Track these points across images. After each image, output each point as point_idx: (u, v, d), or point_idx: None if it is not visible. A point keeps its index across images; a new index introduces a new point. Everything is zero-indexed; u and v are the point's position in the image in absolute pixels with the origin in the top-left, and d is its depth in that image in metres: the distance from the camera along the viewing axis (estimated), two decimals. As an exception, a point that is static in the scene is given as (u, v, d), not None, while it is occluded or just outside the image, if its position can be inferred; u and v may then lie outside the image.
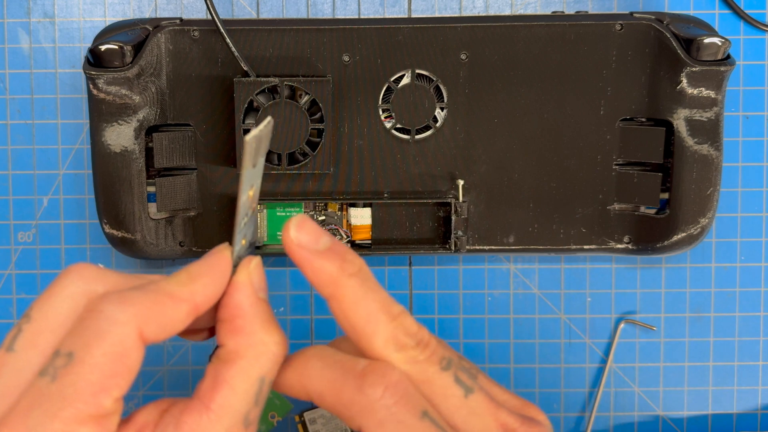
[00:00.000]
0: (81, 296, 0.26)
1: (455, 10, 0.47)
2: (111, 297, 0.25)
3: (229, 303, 0.27)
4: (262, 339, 0.27)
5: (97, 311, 0.25)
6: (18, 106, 0.47)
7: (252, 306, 0.27)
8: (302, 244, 0.27)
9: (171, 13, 0.47)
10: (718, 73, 0.42)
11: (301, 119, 0.43)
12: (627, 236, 0.45)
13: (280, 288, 0.48)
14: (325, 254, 0.27)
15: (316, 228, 0.28)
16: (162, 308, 0.25)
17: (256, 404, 0.26)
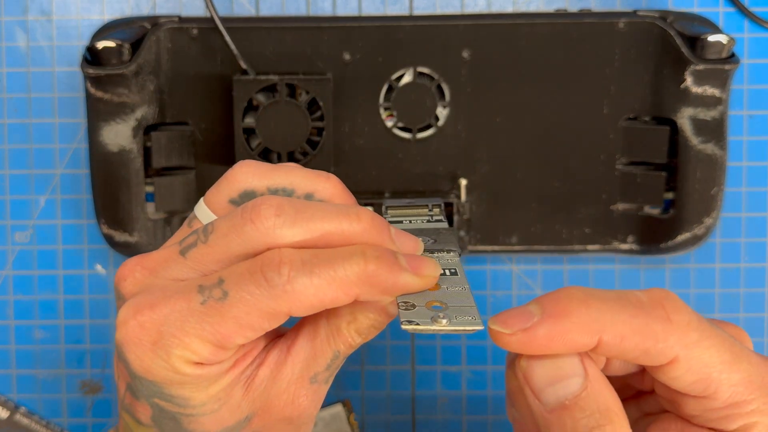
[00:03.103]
0: (259, 244, 0.28)
1: (457, 7, 0.47)
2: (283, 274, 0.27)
3: None
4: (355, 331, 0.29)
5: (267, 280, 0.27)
6: (15, 105, 0.46)
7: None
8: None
9: (169, 10, 0.46)
10: (723, 72, 0.42)
11: (301, 118, 0.42)
12: (631, 236, 0.45)
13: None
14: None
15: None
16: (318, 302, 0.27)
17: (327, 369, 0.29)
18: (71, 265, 0.47)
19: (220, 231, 0.28)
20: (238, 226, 0.28)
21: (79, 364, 0.48)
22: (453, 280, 0.28)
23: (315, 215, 0.28)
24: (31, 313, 0.47)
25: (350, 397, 0.48)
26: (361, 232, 0.28)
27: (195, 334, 0.27)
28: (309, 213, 0.28)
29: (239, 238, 0.28)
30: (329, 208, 0.28)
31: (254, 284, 0.27)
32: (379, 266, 0.27)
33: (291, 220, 0.28)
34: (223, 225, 0.28)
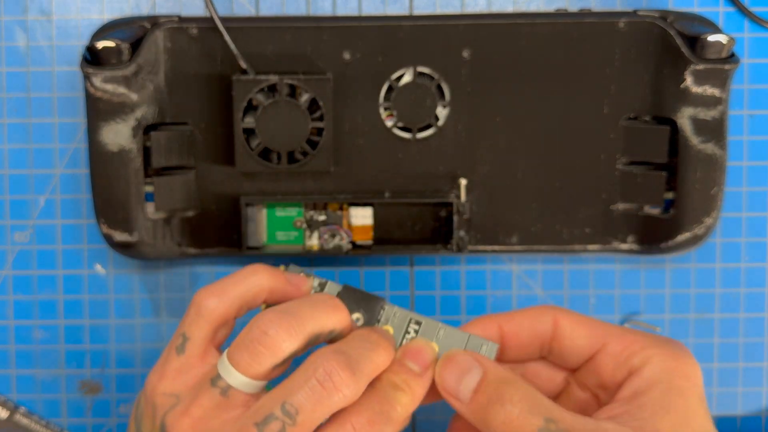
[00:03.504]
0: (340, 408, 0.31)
1: (457, 7, 0.47)
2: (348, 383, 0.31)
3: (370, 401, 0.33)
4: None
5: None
6: (14, 105, 0.46)
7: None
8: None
9: (169, 10, 0.46)
10: (723, 72, 0.42)
11: (301, 118, 0.42)
12: (631, 236, 0.45)
13: (279, 289, 0.48)
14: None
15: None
16: None
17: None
18: (71, 265, 0.47)
19: (306, 409, 0.30)
20: (325, 400, 0.31)
21: (78, 365, 0.48)
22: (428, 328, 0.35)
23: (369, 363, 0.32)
24: (30, 313, 0.47)
25: (350, 397, 0.48)
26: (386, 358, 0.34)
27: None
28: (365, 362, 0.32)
29: (327, 410, 0.31)
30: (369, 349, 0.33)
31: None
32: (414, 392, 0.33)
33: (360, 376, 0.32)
34: (306, 402, 0.31)
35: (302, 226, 0.45)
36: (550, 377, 0.37)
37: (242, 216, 0.44)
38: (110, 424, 0.48)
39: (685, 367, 0.33)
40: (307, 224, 0.45)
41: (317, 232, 0.45)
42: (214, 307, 0.34)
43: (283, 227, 0.45)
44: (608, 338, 0.34)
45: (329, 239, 0.45)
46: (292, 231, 0.45)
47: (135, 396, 0.47)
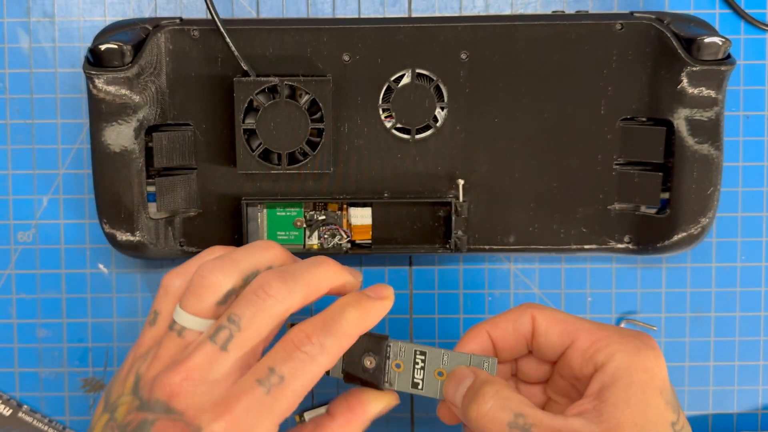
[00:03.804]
0: (281, 316, 0.35)
1: (455, 9, 0.47)
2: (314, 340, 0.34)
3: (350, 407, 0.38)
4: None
5: (304, 352, 0.34)
6: (18, 106, 0.47)
7: (358, 423, 0.38)
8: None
9: (171, 12, 0.47)
10: (719, 73, 0.42)
11: (301, 119, 0.42)
12: (627, 236, 0.45)
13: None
14: None
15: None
16: (344, 350, 0.35)
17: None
18: (73, 265, 0.47)
19: (246, 315, 0.34)
20: (260, 305, 0.34)
21: (81, 363, 0.48)
22: (433, 356, 0.38)
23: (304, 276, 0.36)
24: (33, 312, 0.48)
25: (350, 395, 0.48)
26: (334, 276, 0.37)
27: (271, 420, 0.33)
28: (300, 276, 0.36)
29: (266, 314, 0.34)
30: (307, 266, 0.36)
31: (298, 360, 0.34)
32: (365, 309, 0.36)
33: (292, 286, 0.35)
34: (245, 310, 0.34)
35: (302, 225, 0.45)
36: (539, 368, 0.40)
37: (243, 216, 0.44)
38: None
39: (646, 360, 0.36)
40: (307, 224, 0.45)
41: (317, 231, 0.46)
42: (178, 285, 0.37)
43: (283, 227, 0.46)
44: (578, 334, 0.37)
45: (329, 239, 0.46)
46: (292, 231, 0.46)
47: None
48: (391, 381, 0.38)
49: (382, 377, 0.38)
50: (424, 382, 0.38)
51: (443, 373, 0.38)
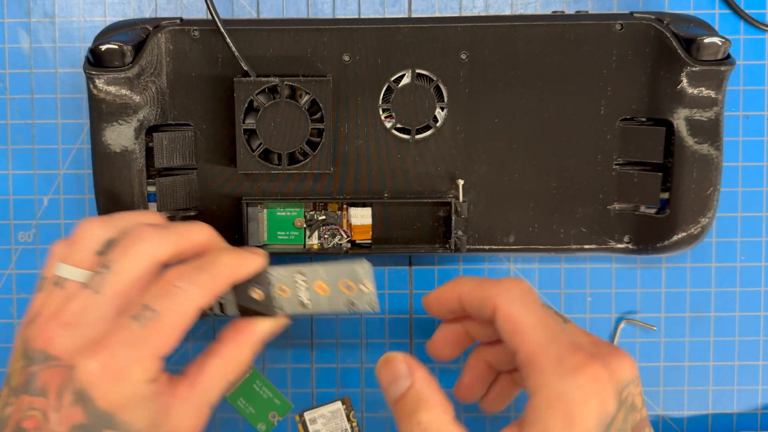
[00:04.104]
0: (153, 259, 0.36)
1: (455, 9, 0.47)
2: (185, 277, 0.35)
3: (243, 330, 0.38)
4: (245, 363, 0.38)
5: (177, 287, 0.35)
6: (18, 106, 0.47)
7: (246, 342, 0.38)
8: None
9: (171, 12, 0.47)
10: (719, 73, 0.42)
11: (301, 119, 0.43)
12: (627, 236, 0.45)
13: (280, 288, 0.48)
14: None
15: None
16: (217, 288, 0.36)
17: (220, 396, 0.37)
18: (74, 265, 0.47)
19: (117, 258, 0.35)
20: (130, 247, 0.36)
21: (81, 362, 0.48)
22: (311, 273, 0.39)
23: (177, 227, 0.37)
24: (34, 312, 0.48)
25: (350, 394, 0.48)
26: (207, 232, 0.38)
27: (146, 353, 0.34)
28: (173, 226, 0.37)
29: (136, 255, 0.35)
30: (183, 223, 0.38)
31: (171, 295, 0.35)
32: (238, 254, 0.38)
33: (164, 233, 0.36)
34: (117, 254, 0.36)
35: (302, 225, 0.46)
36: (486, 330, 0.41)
37: (243, 216, 0.44)
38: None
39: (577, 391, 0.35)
40: (307, 224, 0.46)
41: (317, 231, 0.46)
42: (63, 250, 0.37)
43: (283, 227, 0.46)
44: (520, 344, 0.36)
45: (329, 239, 0.46)
46: (292, 231, 0.46)
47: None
48: (281, 307, 0.39)
49: (272, 305, 0.39)
50: (309, 300, 0.39)
51: (325, 287, 0.38)
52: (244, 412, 0.48)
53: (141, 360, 0.34)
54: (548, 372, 0.34)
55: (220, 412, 0.48)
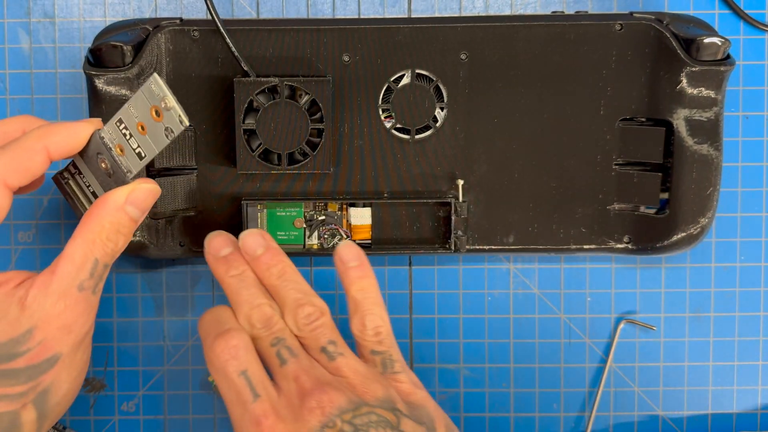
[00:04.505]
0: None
1: (455, 10, 0.47)
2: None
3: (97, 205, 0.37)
4: (107, 237, 0.37)
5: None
6: (18, 106, 0.47)
7: (109, 217, 0.37)
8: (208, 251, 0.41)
9: (171, 13, 0.47)
10: (718, 73, 0.42)
11: (301, 119, 0.43)
12: (627, 236, 0.45)
13: (280, 288, 0.48)
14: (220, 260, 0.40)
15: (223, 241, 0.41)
16: (20, 161, 0.35)
17: (91, 277, 0.36)
18: (74, 265, 0.47)
19: None
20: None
21: (81, 362, 0.48)
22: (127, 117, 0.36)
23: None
24: (34, 312, 0.48)
25: (350, 394, 0.48)
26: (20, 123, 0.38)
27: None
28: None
29: None
30: None
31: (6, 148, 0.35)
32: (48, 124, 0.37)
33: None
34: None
35: (302, 225, 0.46)
36: None
37: (243, 216, 0.45)
38: (113, 421, 0.48)
39: None
40: (307, 224, 0.46)
41: (317, 231, 0.46)
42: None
43: (283, 227, 0.46)
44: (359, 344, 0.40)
45: (329, 239, 0.46)
46: (292, 231, 0.46)
47: (138, 393, 0.47)
48: (128, 169, 0.37)
49: (120, 170, 0.37)
50: (141, 147, 0.36)
51: (143, 125, 0.36)
52: (244, 412, 0.48)
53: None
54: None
55: (220, 412, 0.48)
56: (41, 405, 0.36)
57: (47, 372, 0.35)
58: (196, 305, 0.48)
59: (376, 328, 0.39)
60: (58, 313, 0.35)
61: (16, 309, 0.35)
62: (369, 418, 0.36)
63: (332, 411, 0.35)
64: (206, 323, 0.39)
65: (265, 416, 0.36)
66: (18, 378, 0.35)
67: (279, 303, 0.39)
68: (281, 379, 0.37)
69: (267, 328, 0.38)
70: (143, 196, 0.37)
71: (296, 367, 0.37)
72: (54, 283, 0.35)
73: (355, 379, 0.37)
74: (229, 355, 0.37)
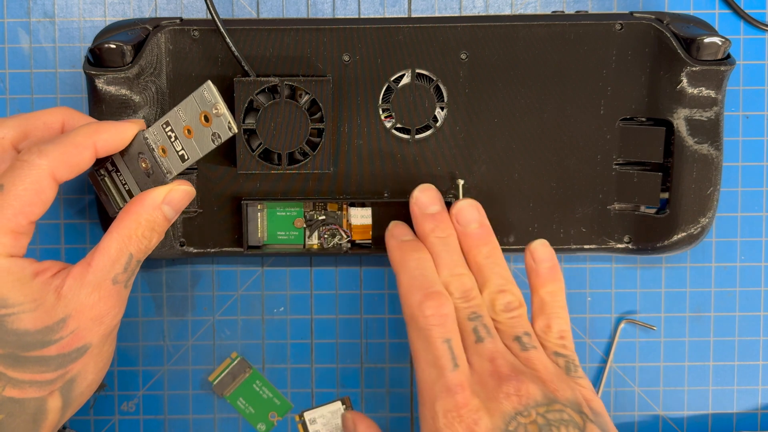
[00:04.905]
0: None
1: (455, 9, 0.47)
2: (32, 149, 0.35)
3: (134, 202, 0.38)
4: (142, 234, 0.37)
5: (22, 160, 0.35)
6: (18, 106, 0.47)
7: (146, 215, 0.38)
8: (418, 203, 0.42)
9: (171, 12, 0.47)
10: (718, 73, 0.42)
11: (301, 119, 0.43)
12: (627, 236, 0.45)
13: (280, 288, 0.48)
14: (428, 216, 0.42)
15: (435, 196, 0.42)
16: (69, 156, 0.36)
17: (125, 271, 0.37)
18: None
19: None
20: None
21: (81, 362, 0.48)
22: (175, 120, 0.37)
23: (21, 113, 0.38)
24: (34, 312, 0.48)
25: (350, 394, 0.48)
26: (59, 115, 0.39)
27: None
28: (18, 114, 0.38)
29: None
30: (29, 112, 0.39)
31: (17, 168, 0.35)
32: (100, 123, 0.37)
33: (3, 119, 0.37)
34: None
35: (302, 225, 0.46)
36: None
37: (243, 216, 0.45)
38: (113, 421, 0.48)
39: None
40: (307, 224, 0.46)
41: (317, 231, 0.46)
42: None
43: (283, 227, 0.46)
44: None
45: (329, 239, 0.46)
46: (292, 230, 0.46)
47: (138, 393, 0.47)
48: (168, 170, 0.38)
49: (160, 171, 0.38)
50: (185, 150, 0.37)
51: (190, 129, 0.37)
52: (244, 412, 0.48)
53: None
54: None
55: (220, 412, 0.48)
56: (67, 393, 0.37)
57: (76, 361, 0.36)
58: (196, 305, 0.48)
59: (561, 331, 0.40)
60: (92, 304, 0.36)
61: (53, 297, 0.35)
62: (561, 415, 0.36)
63: (528, 402, 0.36)
64: (412, 269, 0.40)
65: (462, 387, 0.37)
66: (48, 365, 0.35)
67: (479, 281, 0.40)
68: (474, 354, 0.38)
69: (465, 300, 0.39)
70: (179, 197, 0.38)
71: (493, 348, 0.38)
72: (90, 274, 0.36)
73: (545, 374, 0.38)
74: (437, 321, 0.38)
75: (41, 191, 0.35)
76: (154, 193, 0.38)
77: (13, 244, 0.35)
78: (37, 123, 0.38)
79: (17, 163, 0.35)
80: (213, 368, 0.48)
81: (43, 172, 0.35)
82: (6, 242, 0.34)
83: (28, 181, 0.35)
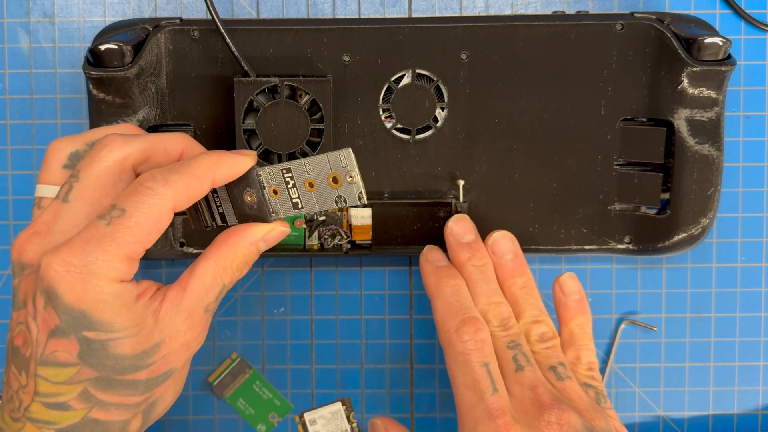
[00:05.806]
0: (119, 163, 0.36)
1: (455, 9, 0.47)
2: (157, 177, 0.34)
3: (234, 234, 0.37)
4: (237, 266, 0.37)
5: (146, 187, 0.34)
6: (18, 106, 0.47)
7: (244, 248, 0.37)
8: (453, 233, 0.43)
9: (171, 13, 0.47)
10: (719, 73, 0.42)
11: (302, 119, 0.43)
12: (628, 236, 0.45)
13: (280, 288, 0.48)
14: (465, 245, 0.43)
15: (469, 226, 0.43)
16: (191, 188, 0.35)
17: (216, 300, 0.36)
18: (73, 265, 0.47)
19: (84, 167, 0.35)
20: (95, 156, 0.35)
21: (81, 363, 0.48)
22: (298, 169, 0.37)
23: (147, 135, 0.37)
24: (33, 312, 0.48)
25: (350, 395, 0.48)
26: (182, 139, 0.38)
27: (113, 249, 0.33)
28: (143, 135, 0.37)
29: (101, 162, 0.35)
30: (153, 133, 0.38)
31: (140, 194, 0.34)
32: (219, 155, 0.36)
33: (131, 138, 0.36)
34: (83, 162, 0.35)
35: (302, 225, 0.46)
36: None
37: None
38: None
39: None
40: (307, 224, 0.46)
41: (317, 232, 0.46)
42: None
43: (283, 227, 0.46)
44: None
45: (329, 239, 0.46)
46: (292, 231, 0.46)
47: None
48: (275, 210, 0.38)
49: (266, 209, 0.37)
50: (300, 199, 0.37)
51: (313, 183, 0.37)
52: (244, 413, 0.48)
53: (106, 256, 0.33)
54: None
55: (220, 412, 0.48)
56: (147, 415, 0.37)
57: (161, 385, 0.36)
58: (196, 306, 0.48)
59: (590, 363, 0.41)
60: (185, 330, 0.36)
61: (152, 321, 0.35)
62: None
63: (569, 431, 0.37)
64: (448, 296, 0.41)
65: (503, 412, 0.37)
66: (137, 389, 0.35)
67: (514, 311, 0.42)
68: (514, 383, 0.39)
69: (503, 329, 0.40)
70: (276, 237, 0.38)
71: (533, 377, 0.39)
72: (185, 300, 0.36)
73: (581, 404, 0.39)
74: (475, 346, 0.39)
75: (160, 221, 0.34)
76: (255, 229, 0.37)
77: (127, 270, 0.34)
78: (159, 148, 0.37)
79: (141, 189, 0.34)
80: (213, 369, 0.48)
81: (167, 202, 0.34)
82: (121, 268, 0.34)
83: (151, 210, 0.34)
